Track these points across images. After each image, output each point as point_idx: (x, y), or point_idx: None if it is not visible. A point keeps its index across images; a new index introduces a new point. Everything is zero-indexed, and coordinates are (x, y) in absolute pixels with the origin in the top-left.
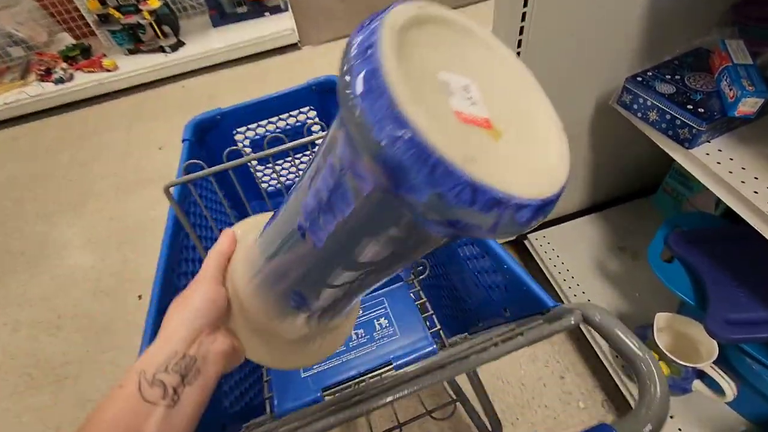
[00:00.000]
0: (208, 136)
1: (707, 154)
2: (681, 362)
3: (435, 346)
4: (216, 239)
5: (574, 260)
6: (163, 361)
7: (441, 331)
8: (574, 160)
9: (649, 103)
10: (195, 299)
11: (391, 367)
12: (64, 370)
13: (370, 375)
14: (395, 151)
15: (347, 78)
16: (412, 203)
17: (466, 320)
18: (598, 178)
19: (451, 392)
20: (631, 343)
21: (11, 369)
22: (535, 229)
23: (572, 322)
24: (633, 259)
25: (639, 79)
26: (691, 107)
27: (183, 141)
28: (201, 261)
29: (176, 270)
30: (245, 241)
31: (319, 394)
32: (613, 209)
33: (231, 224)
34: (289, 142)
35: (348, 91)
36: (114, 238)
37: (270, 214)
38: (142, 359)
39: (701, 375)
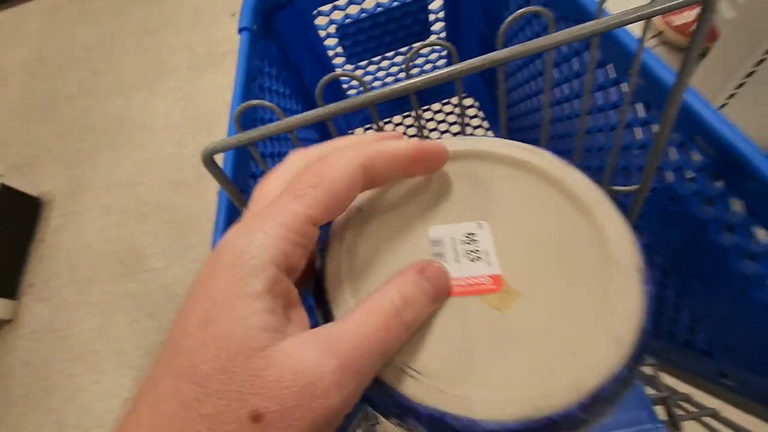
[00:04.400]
0: (277, 21)
1: None
2: None
3: (662, 426)
4: None
5: None
6: None
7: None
8: None
9: None
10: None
11: None
12: (152, 262)
13: None
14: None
15: None
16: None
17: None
18: None
19: None
20: None
21: (109, 253)
22: None
23: None
24: None
25: None
26: None
27: (240, 31)
28: None
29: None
30: None
31: None
32: None
33: None
34: (394, 30)
35: None
36: (189, 125)
37: None
38: None
39: None
